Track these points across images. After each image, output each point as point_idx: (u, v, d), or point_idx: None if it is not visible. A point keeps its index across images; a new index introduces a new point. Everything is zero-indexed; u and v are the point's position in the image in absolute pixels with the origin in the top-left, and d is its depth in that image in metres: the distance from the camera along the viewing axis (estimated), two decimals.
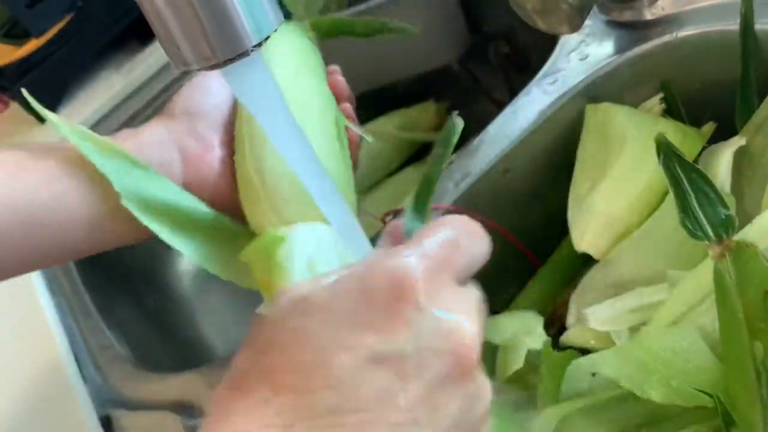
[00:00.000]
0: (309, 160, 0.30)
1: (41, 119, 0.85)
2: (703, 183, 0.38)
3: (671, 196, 0.41)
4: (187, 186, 0.40)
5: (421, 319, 0.26)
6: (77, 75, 0.86)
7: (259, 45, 0.27)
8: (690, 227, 0.38)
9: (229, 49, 0.26)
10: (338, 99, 0.45)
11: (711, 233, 0.37)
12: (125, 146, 0.38)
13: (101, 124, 0.82)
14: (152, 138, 0.40)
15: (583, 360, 0.41)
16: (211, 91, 0.42)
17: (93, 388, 0.59)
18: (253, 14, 0.26)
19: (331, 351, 0.25)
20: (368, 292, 0.26)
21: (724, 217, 0.38)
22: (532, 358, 0.46)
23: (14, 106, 0.89)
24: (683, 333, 0.39)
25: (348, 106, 0.46)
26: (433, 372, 0.26)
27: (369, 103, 0.77)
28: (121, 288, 0.76)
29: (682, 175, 0.39)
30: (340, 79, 0.48)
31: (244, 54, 0.26)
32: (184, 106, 0.42)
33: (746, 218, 0.45)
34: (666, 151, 0.39)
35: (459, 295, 0.28)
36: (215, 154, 0.41)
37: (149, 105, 0.81)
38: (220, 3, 0.25)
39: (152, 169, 0.38)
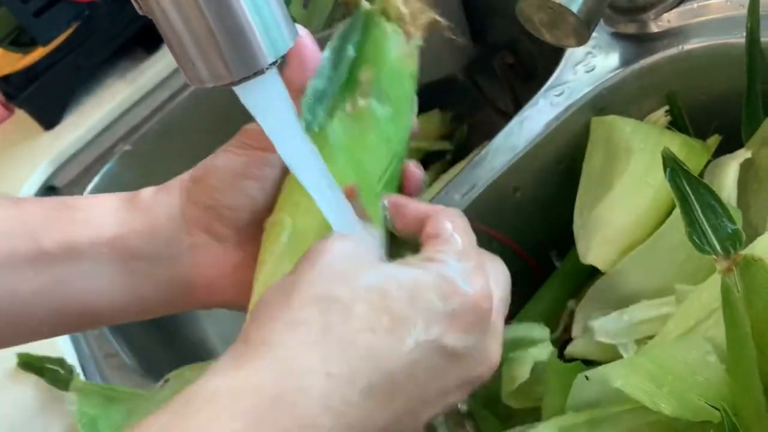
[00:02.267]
0: (322, 179, 0.30)
1: (46, 126, 0.86)
2: (709, 197, 0.38)
3: (678, 209, 0.41)
4: (192, 285, 0.38)
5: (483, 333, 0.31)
6: (83, 83, 0.86)
7: (275, 63, 0.27)
8: (697, 241, 0.38)
9: (244, 68, 0.26)
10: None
11: (718, 247, 0.37)
12: (138, 224, 0.37)
13: (107, 132, 0.83)
14: (166, 222, 0.37)
15: (592, 372, 0.41)
16: (242, 186, 0.36)
17: None
18: (269, 33, 0.26)
19: (409, 327, 0.29)
20: (448, 293, 0.30)
21: (731, 231, 0.38)
22: (538, 369, 0.46)
23: (20, 113, 0.89)
24: (694, 344, 0.39)
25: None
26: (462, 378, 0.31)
27: None
28: None
29: (689, 189, 0.39)
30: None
31: (260, 72, 0.27)
32: (209, 192, 0.37)
33: (752, 231, 0.45)
34: (672, 165, 0.39)
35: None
36: (231, 260, 0.37)
37: (155, 113, 0.82)
38: (236, 22, 0.26)
39: None
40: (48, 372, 0.59)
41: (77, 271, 0.36)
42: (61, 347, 0.63)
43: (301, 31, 0.34)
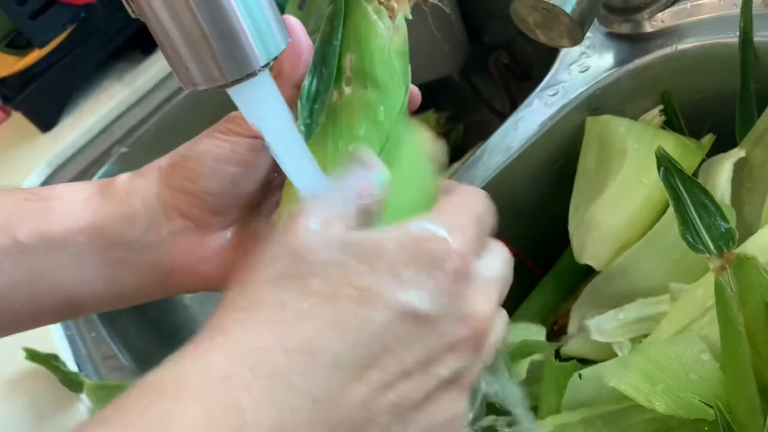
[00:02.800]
0: (317, 180, 0.30)
1: (43, 128, 0.86)
2: (703, 196, 0.38)
3: (672, 208, 0.42)
4: (173, 271, 0.37)
5: (455, 290, 0.28)
6: (80, 85, 0.87)
7: (267, 65, 0.27)
8: (690, 240, 0.38)
9: (237, 70, 0.26)
10: None
11: (711, 246, 0.37)
12: (113, 211, 0.36)
13: (104, 134, 0.83)
14: (143, 207, 0.36)
15: (587, 371, 0.41)
16: (223, 170, 0.35)
17: None
18: (261, 35, 0.26)
19: (369, 296, 0.27)
20: (413, 252, 0.28)
21: (724, 230, 0.38)
22: (535, 369, 0.46)
23: (16, 116, 0.89)
24: (688, 342, 0.40)
25: None
26: (445, 341, 0.28)
27: None
28: None
29: (683, 188, 0.39)
30: None
31: (252, 74, 0.27)
32: (188, 176, 0.35)
33: (746, 230, 0.45)
34: (666, 165, 0.39)
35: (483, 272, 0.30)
36: (211, 245, 0.36)
37: (152, 115, 0.82)
38: (228, 24, 0.26)
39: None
40: (57, 371, 0.59)
41: (54, 261, 0.35)
42: (58, 349, 0.63)
43: (291, 20, 0.34)
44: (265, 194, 0.38)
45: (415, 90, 0.38)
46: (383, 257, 0.27)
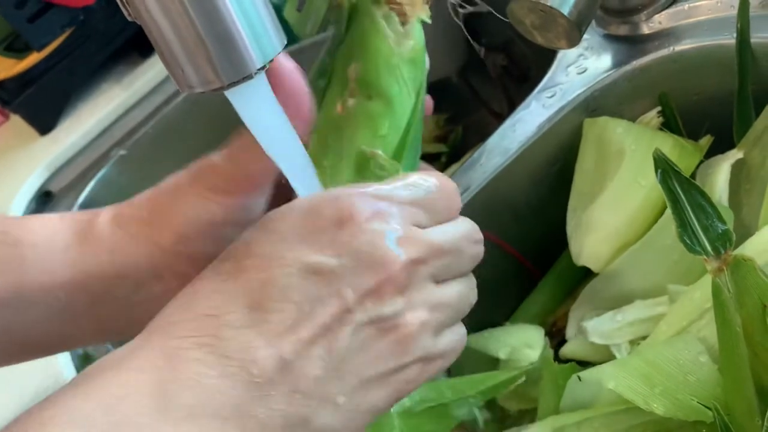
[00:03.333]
0: (312, 182, 0.30)
1: (41, 131, 0.86)
2: (700, 198, 0.38)
3: (669, 209, 0.42)
4: None
5: (358, 240, 0.28)
6: (78, 88, 0.87)
7: (263, 68, 0.27)
8: (688, 242, 0.38)
9: (233, 73, 0.26)
10: None
11: (709, 248, 0.37)
12: (97, 268, 0.33)
13: (102, 137, 0.83)
14: (131, 266, 0.34)
15: (586, 373, 0.41)
16: (218, 234, 0.33)
17: None
18: (257, 38, 0.26)
19: (270, 260, 0.28)
20: (313, 215, 0.29)
21: (721, 231, 0.38)
22: (533, 370, 0.46)
23: (15, 119, 0.89)
24: (686, 344, 0.40)
25: None
26: (360, 288, 0.28)
27: None
28: None
29: (680, 191, 0.39)
30: None
31: (248, 77, 0.27)
32: (178, 239, 0.33)
33: (744, 231, 0.45)
34: (663, 167, 0.39)
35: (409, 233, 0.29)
36: None
37: (150, 117, 0.82)
38: (224, 27, 0.26)
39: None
40: None
41: (31, 316, 0.33)
42: (59, 355, 0.63)
43: (287, 65, 0.31)
44: None
45: (428, 100, 0.37)
46: (285, 223, 0.29)
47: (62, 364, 0.61)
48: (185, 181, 0.33)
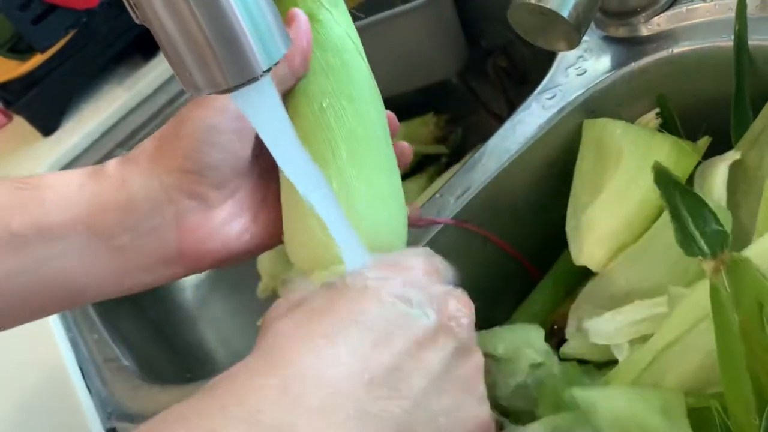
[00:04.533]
0: (315, 182, 0.31)
1: (45, 132, 0.86)
2: (698, 204, 0.39)
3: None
4: (181, 252, 0.37)
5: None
6: (81, 89, 0.87)
7: (269, 70, 0.27)
8: (686, 246, 0.39)
9: (239, 75, 0.27)
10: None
11: (706, 249, 0.38)
12: (111, 198, 0.35)
13: (105, 138, 0.83)
14: (143, 192, 0.36)
15: (577, 393, 0.42)
16: (219, 141, 0.35)
17: (98, 400, 0.59)
18: (263, 41, 0.27)
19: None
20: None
21: (717, 232, 0.38)
22: (534, 370, 0.46)
23: (18, 120, 0.90)
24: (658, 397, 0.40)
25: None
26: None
27: None
28: (125, 300, 0.77)
29: (678, 197, 0.40)
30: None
31: (254, 79, 0.27)
32: (185, 154, 0.35)
33: (742, 231, 0.46)
34: (662, 176, 0.40)
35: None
36: (217, 219, 0.37)
37: (153, 118, 0.82)
38: (231, 31, 0.26)
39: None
40: None
41: (54, 251, 0.35)
42: (62, 352, 0.63)
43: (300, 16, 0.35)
44: (256, 160, 0.38)
45: (392, 119, 0.41)
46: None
47: (67, 364, 0.62)
48: (186, 109, 0.36)
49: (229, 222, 0.37)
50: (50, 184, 0.36)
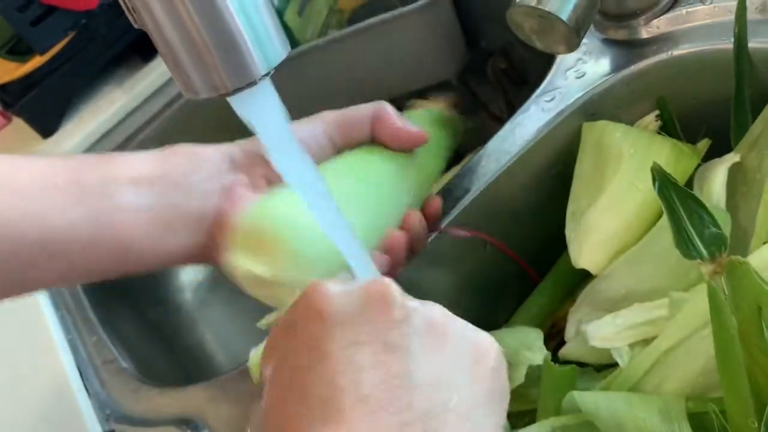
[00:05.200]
0: (315, 186, 0.31)
1: (44, 134, 0.86)
2: (697, 207, 0.39)
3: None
4: (216, 221, 0.39)
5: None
6: (80, 91, 0.87)
7: (267, 74, 0.27)
8: (684, 248, 0.39)
9: (238, 79, 0.27)
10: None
11: (704, 252, 0.38)
12: (179, 160, 0.39)
13: (104, 140, 0.83)
14: (209, 161, 0.40)
15: (578, 396, 0.42)
16: (202, 166, 0.40)
17: (97, 402, 0.59)
18: (262, 45, 0.27)
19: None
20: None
21: (716, 235, 0.38)
22: (532, 372, 0.46)
23: (17, 122, 0.89)
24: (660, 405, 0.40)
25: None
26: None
27: None
28: (124, 302, 0.77)
29: (677, 201, 0.40)
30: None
31: (253, 83, 0.27)
32: (177, 175, 0.39)
33: (742, 234, 0.46)
34: (661, 179, 0.40)
35: None
36: (251, 200, 0.40)
37: (152, 120, 0.82)
38: (230, 34, 0.26)
39: None
40: None
41: (113, 204, 0.37)
42: (60, 354, 0.63)
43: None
44: None
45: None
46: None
47: (66, 366, 0.62)
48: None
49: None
50: (128, 155, 0.40)
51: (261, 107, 0.29)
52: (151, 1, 0.25)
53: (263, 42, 0.27)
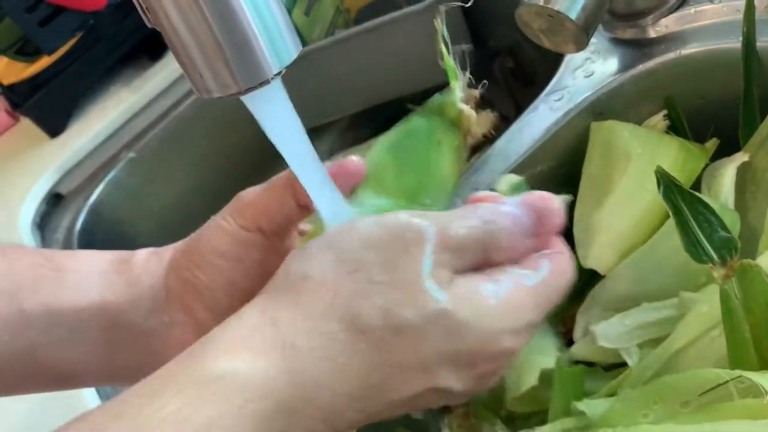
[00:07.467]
0: (325, 186, 0.31)
1: (51, 134, 0.87)
2: (704, 209, 0.39)
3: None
4: (162, 353, 0.36)
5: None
6: (88, 91, 0.87)
7: (279, 73, 0.28)
8: (694, 252, 0.39)
9: (250, 79, 0.27)
10: None
11: (714, 256, 0.38)
12: (123, 291, 0.36)
13: (112, 139, 0.84)
14: (149, 294, 0.36)
15: (583, 405, 0.42)
16: (223, 271, 0.35)
17: (106, 399, 0.59)
18: (274, 44, 0.27)
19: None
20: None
21: (725, 238, 0.38)
22: (542, 373, 0.46)
23: (25, 122, 0.90)
24: None
25: None
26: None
27: (374, 118, 0.78)
28: None
29: (683, 204, 0.40)
30: None
31: (265, 82, 0.27)
32: (187, 267, 0.35)
33: (751, 233, 0.46)
34: (666, 182, 0.40)
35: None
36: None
37: (160, 120, 0.83)
38: (243, 34, 0.26)
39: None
40: None
41: (55, 336, 0.35)
42: None
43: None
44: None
45: None
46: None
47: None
48: (222, 213, 0.35)
49: None
50: (76, 266, 0.37)
51: (273, 106, 0.29)
52: (166, 0, 0.25)
53: (276, 41, 0.27)
